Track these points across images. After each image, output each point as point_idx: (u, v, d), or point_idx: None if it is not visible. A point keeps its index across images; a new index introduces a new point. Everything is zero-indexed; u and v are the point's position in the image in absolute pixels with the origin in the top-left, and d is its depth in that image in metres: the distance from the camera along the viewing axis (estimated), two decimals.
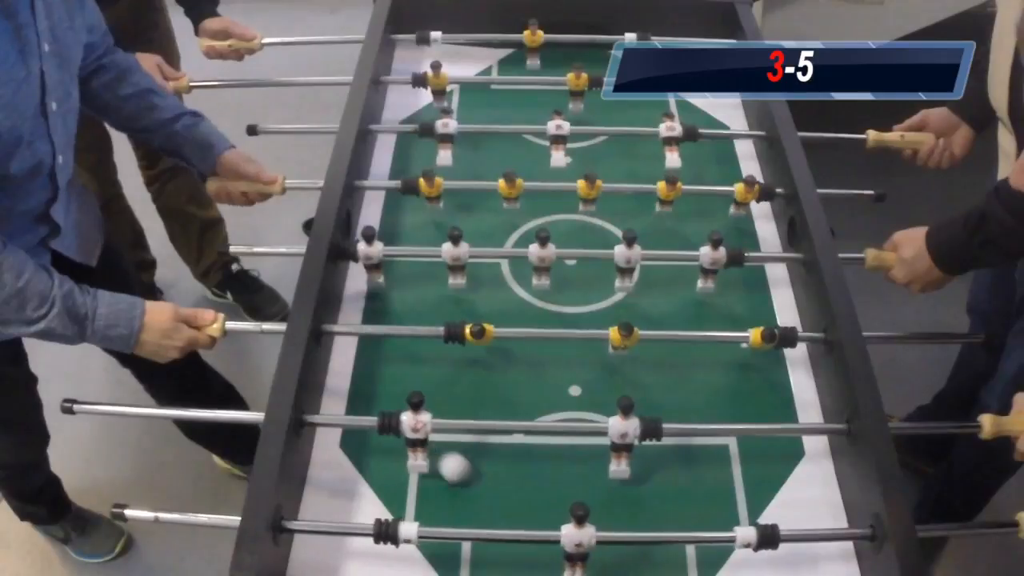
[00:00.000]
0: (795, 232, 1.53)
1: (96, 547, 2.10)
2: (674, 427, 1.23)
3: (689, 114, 1.83)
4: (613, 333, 1.32)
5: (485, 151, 1.77)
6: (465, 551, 1.18)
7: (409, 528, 1.11)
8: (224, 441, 2.10)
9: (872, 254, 1.48)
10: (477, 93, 1.93)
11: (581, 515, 1.07)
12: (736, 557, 1.17)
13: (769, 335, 1.33)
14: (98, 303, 1.30)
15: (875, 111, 1.57)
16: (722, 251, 1.44)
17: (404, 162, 1.77)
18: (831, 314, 1.33)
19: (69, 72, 1.33)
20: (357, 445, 1.30)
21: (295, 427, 1.20)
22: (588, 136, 1.79)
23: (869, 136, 1.70)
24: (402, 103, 1.89)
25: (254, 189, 1.55)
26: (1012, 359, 1.65)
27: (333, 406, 1.36)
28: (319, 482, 1.26)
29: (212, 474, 2.23)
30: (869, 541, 1.13)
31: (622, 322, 1.31)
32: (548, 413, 1.35)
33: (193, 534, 2.04)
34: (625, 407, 1.18)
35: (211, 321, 1.36)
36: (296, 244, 1.47)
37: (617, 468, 1.24)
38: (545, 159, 1.67)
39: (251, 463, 1.14)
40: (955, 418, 1.36)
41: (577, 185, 1.54)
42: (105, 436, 2.33)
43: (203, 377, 1.90)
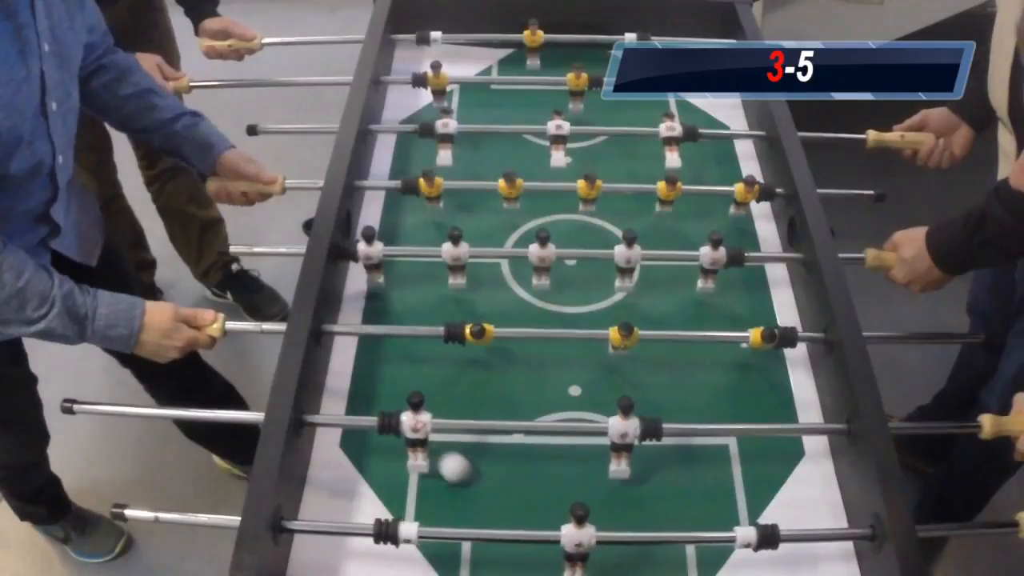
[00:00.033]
0: (795, 232, 1.52)
1: (96, 547, 2.10)
2: (674, 427, 1.23)
3: (689, 114, 1.83)
4: (613, 333, 1.32)
5: (485, 151, 1.77)
6: (465, 551, 1.18)
7: (409, 528, 1.11)
8: (224, 441, 2.10)
9: (872, 254, 1.48)
10: (477, 93, 1.93)
11: (581, 515, 1.07)
12: (736, 557, 1.17)
13: (769, 335, 1.33)
14: (98, 303, 1.30)
15: (875, 111, 1.57)
16: (722, 251, 1.44)
17: (404, 162, 1.77)
18: (831, 314, 1.33)
19: (69, 72, 1.33)
20: (357, 445, 1.30)
21: (295, 427, 1.20)
22: (588, 136, 1.79)
23: (869, 136, 1.70)
24: (402, 103, 1.88)
25: (254, 189, 1.55)
26: (1012, 359, 1.65)
27: (333, 406, 1.36)
28: (319, 482, 1.26)
29: (212, 474, 2.23)
30: (869, 541, 1.13)
31: (622, 322, 1.31)
32: (548, 413, 1.35)
33: (193, 534, 2.04)
34: (625, 407, 1.18)
35: (211, 321, 1.36)
36: (296, 244, 1.47)
37: (617, 468, 1.24)
38: (545, 159, 1.66)
39: (251, 463, 1.13)
40: (955, 418, 1.36)
41: (577, 185, 1.54)
42: (105, 436, 2.33)
43: (203, 377, 1.90)
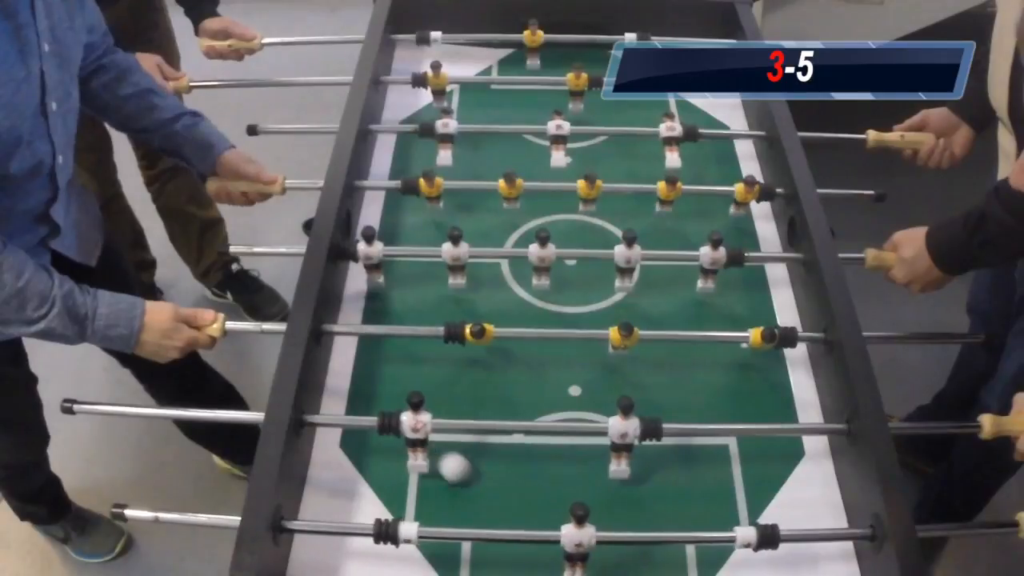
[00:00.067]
0: (795, 232, 1.52)
1: (96, 547, 2.10)
2: (674, 427, 1.23)
3: (689, 114, 1.83)
4: (613, 333, 1.32)
5: (485, 151, 1.76)
6: (465, 551, 1.18)
7: (409, 528, 1.11)
8: (224, 441, 2.10)
9: (872, 254, 1.48)
10: (477, 93, 1.93)
11: (581, 515, 1.07)
12: (736, 557, 1.17)
13: (769, 335, 1.33)
14: (98, 303, 1.30)
15: (875, 111, 1.57)
16: (722, 251, 1.44)
17: (404, 162, 1.77)
18: (831, 314, 1.33)
19: (69, 72, 1.33)
20: (357, 445, 1.30)
21: (295, 427, 1.20)
22: (588, 136, 1.79)
23: (869, 136, 1.70)
24: (402, 103, 1.88)
25: (254, 189, 1.55)
26: (1012, 359, 1.65)
27: (333, 406, 1.36)
28: (319, 482, 1.26)
29: (212, 474, 2.23)
30: (869, 541, 1.13)
31: (622, 322, 1.31)
32: (548, 413, 1.35)
33: (193, 534, 2.04)
34: (625, 407, 1.18)
35: (211, 321, 1.36)
36: (296, 244, 1.46)
37: (617, 468, 1.24)
38: (545, 159, 1.66)
39: (251, 463, 1.13)
40: (955, 418, 1.36)
41: (577, 185, 1.54)
42: (105, 436, 2.33)
43: (203, 377, 1.90)
